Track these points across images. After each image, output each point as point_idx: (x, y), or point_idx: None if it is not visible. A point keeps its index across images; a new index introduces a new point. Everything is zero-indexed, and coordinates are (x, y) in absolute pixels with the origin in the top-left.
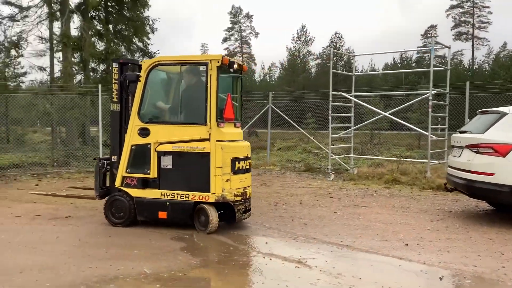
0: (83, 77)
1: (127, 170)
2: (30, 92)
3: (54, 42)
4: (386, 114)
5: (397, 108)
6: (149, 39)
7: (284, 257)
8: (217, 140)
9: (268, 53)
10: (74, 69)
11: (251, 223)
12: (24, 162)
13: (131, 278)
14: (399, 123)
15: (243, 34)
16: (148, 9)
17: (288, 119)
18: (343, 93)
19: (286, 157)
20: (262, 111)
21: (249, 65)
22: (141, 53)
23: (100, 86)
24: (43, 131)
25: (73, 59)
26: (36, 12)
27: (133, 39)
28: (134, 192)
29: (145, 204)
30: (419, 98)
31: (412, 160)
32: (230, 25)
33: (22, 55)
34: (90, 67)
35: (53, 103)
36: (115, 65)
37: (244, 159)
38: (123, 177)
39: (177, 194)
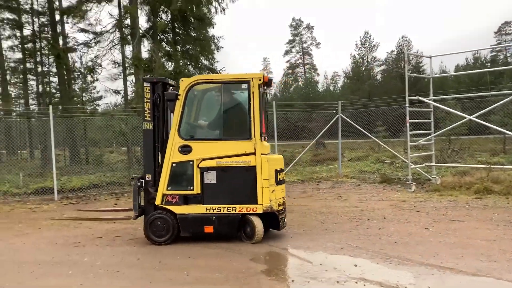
0: None
1: (168, 188)
2: (106, 114)
3: (126, 65)
4: (472, 117)
5: (484, 111)
6: (214, 57)
7: (380, 282)
8: (262, 154)
9: (331, 62)
10: None
11: (333, 242)
12: (103, 182)
13: None
14: (481, 126)
15: (304, 45)
16: (213, 27)
17: (359, 127)
18: (420, 98)
19: (358, 167)
20: (332, 121)
21: (311, 75)
22: (207, 71)
23: None
24: (119, 151)
25: None
26: (109, 38)
27: (200, 58)
28: (177, 209)
29: (190, 220)
30: (510, 99)
31: (503, 166)
32: (291, 38)
33: (97, 80)
34: None
35: (127, 123)
36: (147, 84)
37: (282, 170)
38: (164, 195)
39: (224, 207)
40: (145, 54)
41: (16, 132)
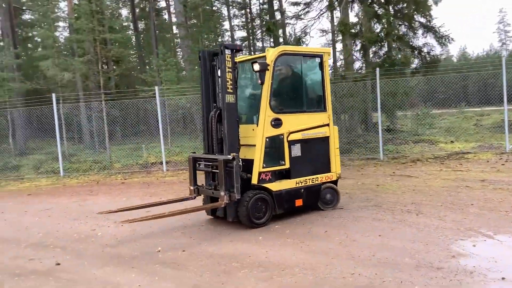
0: (363, 63)
1: (264, 165)
2: None
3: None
4: None
5: None
6: (430, 14)
7: None
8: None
9: None
10: (353, 56)
11: None
12: None
13: None
14: None
15: None
16: None
17: None
18: None
19: None
20: None
21: None
22: (424, 29)
23: (378, 69)
24: None
25: (353, 46)
26: (317, 6)
27: (414, 16)
28: (274, 186)
29: (284, 196)
30: None
31: None
32: None
33: None
34: (371, 51)
35: (336, 92)
36: (227, 52)
37: None
38: (259, 173)
39: (309, 179)
40: (353, 19)
41: None
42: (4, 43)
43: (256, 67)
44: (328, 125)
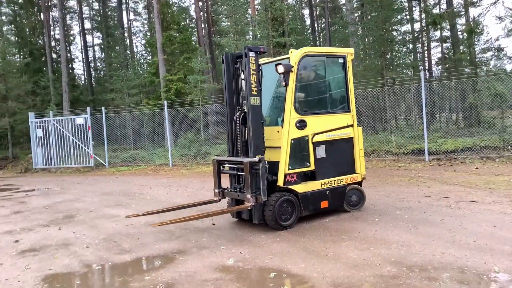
0: None
1: (289, 167)
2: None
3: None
4: None
5: None
6: None
7: None
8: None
9: None
10: None
11: None
12: (477, 146)
13: None
14: None
15: None
16: None
17: None
18: None
19: None
20: None
21: None
22: None
23: None
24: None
25: None
26: None
27: None
28: (299, 188)
29: (310, 198)
30: None
31: None
32: None
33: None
34: None
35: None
36: (252, 54)
37: None
38: (285, 175)
39: (334, 180)
40: None
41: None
42: (199, 50)
43: (280, 69)
44: (352, 126)
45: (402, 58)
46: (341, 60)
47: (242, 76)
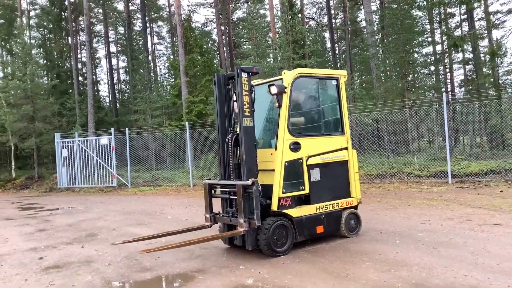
0: None
1: (283, 191)
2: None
3: None
4: None
5: None
6: None
7: None
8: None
9: None
10: None
11: None
12: (502, 168)
13: None
14: None
15: None
16: None
17: None
18: None
19: None
20: None
21: None
22: None
23: None
24: None
25: None
26: None
27: None
28: (294, 212)
29: (305, 223)
30: None
31: None
32: None
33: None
34: None
35: None
36: (244, 75)
37: None
38: (279, 199)
39: (329, 205)
40: None
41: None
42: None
43: (274, 90)
44: (346, 148)
45: (423, 80)
46: (334, 82)
47: (234, 98)
